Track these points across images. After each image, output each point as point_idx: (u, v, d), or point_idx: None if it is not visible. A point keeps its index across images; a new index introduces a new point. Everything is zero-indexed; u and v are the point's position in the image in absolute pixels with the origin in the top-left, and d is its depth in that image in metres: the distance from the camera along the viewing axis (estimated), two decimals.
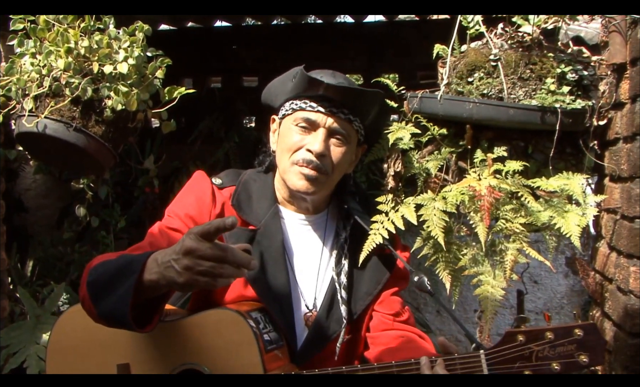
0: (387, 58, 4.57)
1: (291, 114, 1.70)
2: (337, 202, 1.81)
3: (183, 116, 4.26)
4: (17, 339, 2.89)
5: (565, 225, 1.63)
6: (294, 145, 1.67)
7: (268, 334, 1.61)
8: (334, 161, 1.68)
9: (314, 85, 1.65)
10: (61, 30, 2.06)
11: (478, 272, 1.69)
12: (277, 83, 1.78)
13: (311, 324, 1.71)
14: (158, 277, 1.36)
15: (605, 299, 1.97)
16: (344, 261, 1.74)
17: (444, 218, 1.66)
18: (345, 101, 1.67)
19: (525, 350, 1.39)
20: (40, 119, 2.06)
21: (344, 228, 1.78)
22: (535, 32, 1.78)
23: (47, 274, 3.68)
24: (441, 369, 1.42)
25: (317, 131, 1.67)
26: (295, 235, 1.76)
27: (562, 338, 1.38)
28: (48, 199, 4.37)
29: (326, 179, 1.68)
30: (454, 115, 1.74)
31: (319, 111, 1.66)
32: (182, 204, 1.74)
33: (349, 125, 1.69)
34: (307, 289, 1.74)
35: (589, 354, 1.37)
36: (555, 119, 1.67)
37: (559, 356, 1.38)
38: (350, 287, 1.74)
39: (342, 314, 1.70)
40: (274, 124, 1.80)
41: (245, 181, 1.79)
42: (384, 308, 1.77)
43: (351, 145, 1.72)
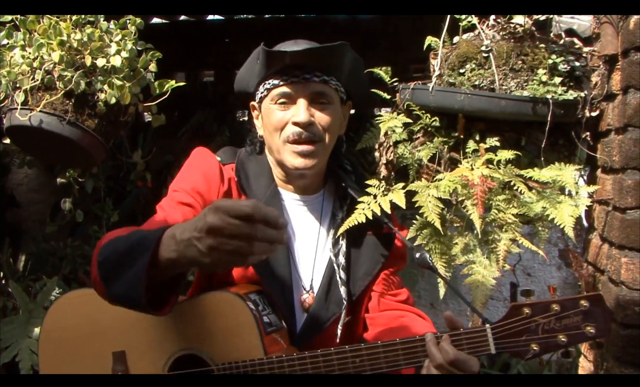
0: (381, 52, 4.56)
1: (267, 94, 1.68)
2: (334, 181, 1.79)
3: (176, 110, 4.25)
4: (9, 333, 2.89)
5: (559, 216, 1.63)
6: (279, 123, 1.65)
7: (267, 316, 1.59)
8: (323, 125, 1.65)
9: (279, 58, 1.63)
10: (53, 23, 2.04)
11: (469, 260, 1.68)
12: (244, 70, 1.76)
13: (309, 306, 1.69)
14: (177, 256, 1.23)
15: (598, 290, 1.98)
16: (342, 241, 1.71)
17: (439, 205, 1.65)
18: (315, 63, 1.64)
19: (532, 323, 1.38)
20: (34, 113, 2.04)
21: (340, 208, 1.76)
22: (527, 24, 1.78)
23: (40, 269, 3.66)
24: (447, 345, 1.40)
25: (297, 102, 1.64)
26: (292, 215, 1.73)
27: (568, 310, 1.37)
28: (40, 194, 4.36)
29: (322, 147, 1.66)
30: (445, 107, 1.74)
31: (292, 82, 1.63)
32: (188, 179, 1.67)
33: (326, 86, 1.66)
34: (304, 270, 1.72)
35: (595, 325, 1.37)
36: (547, 110, 1.67)
37: (566, 327, 1.37)
38: (349, 267, 1.71)
39: (342, 295, 1.67)
40: (255, 111, 1.78)
41: (242, 160, 1.75)
42: (382, 288, 1.76)
43: (335, 105, 1.69)
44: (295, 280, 1.69)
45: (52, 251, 3.81)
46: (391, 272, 1.78)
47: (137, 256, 1.28)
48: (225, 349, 1.54)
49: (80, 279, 3.49)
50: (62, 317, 1.66)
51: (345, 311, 1.68)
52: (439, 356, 1.40)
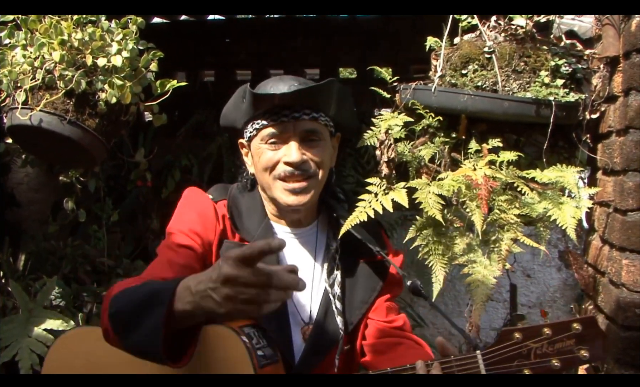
0: (381, 52, 4.56)
1: (256, 134, 1.67)
2: (326, 212, 1.79)
3: (176, 110, 4.25)
4: (9, 332, 2.88)
5: (561, 217, 1.63)
6: (270, 162, 1.64)
7: (262, 350, 1.58)
8: (316, 161, 1.65)
9: (267, 100, 1.62)
10: (54, 22, 2.04)
11: (470, 260, 1.68)
12: (230, 107, 1.75)
13: (308, 337, 1.69)
14: (193, 308, 1.23)
15: (598, 292, 1.98)
16: (336, 271, 1.72)
17: (440, 201, 1.64)
18: (304, 102, 1.63)
19: (523, 348, 1.35)
20: (34, 112, 2.04)
21: (334, 238, 1.75)
22: (528, 25, 1.78)
23: (40, 268, 3.65)
24: (438, 372, 1.40)
25: (288, 141, 1.63)
26: (286, 249, 1.70)
27: (560, 333, 1.34)
28: (40, 193, 4.35)
29: (315, 182, 1.66)
30: (447, 108, 1.74)
31: (282, 121, 1.62)
32: (184, 221, 1.67)
33: (316, 123, 1.66)
34: (301, 303, 1.72)
35: (588, 348, 1.33)
36: (549, 112, 1.67)
37: (559, 352, 1.34)
38: (344, 297, 1.72)
39: (339, 324, 1.68)
40: (243, 149, 1.77)
41: (234, 196, 1.75)
42: (378, 315, 1.76)
43: (325, 140, 1.69)
44: (292, 313, 1.70)
45: (52, 250, 3.80)
46: (387, 298, 1.78)
47: (152, 309, 1.28)
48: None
49: (81, 279, 3.49)
50: (63, 355, 1.65)
51: (342, 340, 1.68)
52: None
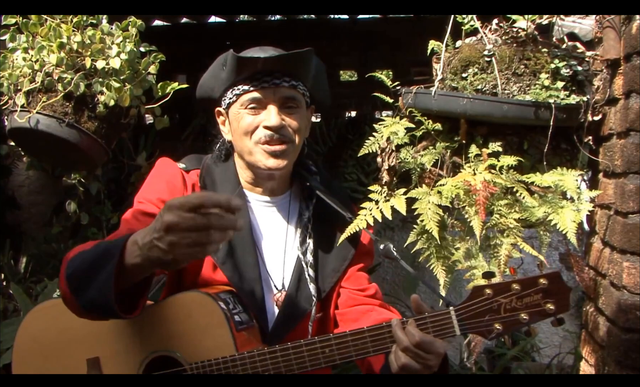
0: (381, 54, 4.56)
1: (236, 100, 1.70)
2: (299, 182, 1.82)
3: (177, 112, 4.25)
4: (10, 335, 2.88)
5: (561, 221, 1.63)
6: (250, 127, 1.67)
7: (238, 315, 1.61)
8: (293, 128, 1.69)
9: (250, 65, 1.65)
10: (54, 25, 2.04)
11: (471, 266, 1.69)
12: (208, 77, 1.79)
13: (281, 304, 1.72)
14: (142, 260, 1.32)
15: (599, 294, 1.97)
16: (309, 240, 1.76)
17: (439, 212, 1.66)
18: (285, 69, 1.68)
19: (494, 303, 1.42)
20: (32, 115, 2.05)
21: (307, 208, 1.79)
22: (529, 28, 1.78)
23: (41, 271, 3.67)
24: (413, 329, 1.44)
25: (267, 107, 1.67)
26: (260, 217, 1.77)
27: (528, 288, 1.41)
28: (41, 196, 4.36)
29: (292, 147, 1.70)
30: (448, 111, 1.74)
31: (263, 87, 1.66)
32: (152, 190, 1.72)
33: (295, 91, 1.70)
34: (274, 270, 1.75)
35: (554, 301, 1.41)
36: (550, 115, 1.67)
37: (526, 306, 1.41)
38: (317, 265, 1.75)
39: (312, 292, 1.71)
40: (220, 117, 1.80)
41: (208, 166, 1.79)
42: (351, 284, 1.79)
43: (302, 109, 1.73)
44: (265, 279, 1.73)
45: (53, 252, 3.81)
46: (359, 268, 1.82)
47: (103, 265, 1.36)
48: (197, 349, 1.55)
49: None
50: (35, 328, 1.66)
51: (315, 307, 1.72)
52: (405, 338, 1.44)
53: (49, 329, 1.65)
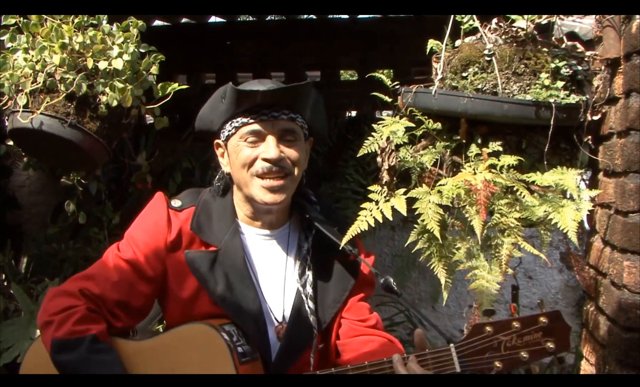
0: (381, 54, 4.56)
1: (235, 132, 1.71)
2: (299, 214, 1.83)
3: (177, 112, 4.25)
4: (11, 335, 2.89)
5: (561, 220, 1.63)
6: (248, 159, 1.68)
7: (242, 347, 1.61)
8: (292, 160, 1.70)
9: (249, 97, 1.66)
10: (55, 26, 2.04)
11: (473, 267, 1.69)
12: (207, 109, 1.80)
13: (282, 336, 1.72)
14: None
15: (600, 293, 1.98)
16: (308, 271, 1.76)
17: (439, 212, 1.66)
18: (283, 102, 1.68)
19: (494, 341, 1.43)
20: (35, 115, 2.05)
21: (305, 239, 1.80)
22: (529, 27, 1.78)
23: (41, 271, 3.66)
24: (414, 365, 1.45)
25: (266, 139, 1.68)
26: (258, 251, 1.77)
27: (528, 327, 1.42)
28: (42, 196, 4.35)
29: (291, 180, 1.71)
30: (448, 110, 1.74)
31: (262, 120, 1.67)
32: (139, 229, 1.77)
33: (293, 124, 1.71)
34: (274, 303, 1.75)
35: (554, 340, 1.42)
36: (550, 114, 1.67)
37: (527, 344, 1.42)
38: (317, 296, 1.75)
39: (312, 324, 1.71)
40: (219, 149, 1.81)
41: (205, 201, 1.80)
42: (351, 315, 1.79)
43: (301, 141, 1.74)
44: (266, 312, 1.73)
45: (54, 253, 3.80)
46: (360, 298, 1.82)
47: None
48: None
49: None
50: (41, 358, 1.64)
51: (316, 339, 1.72)
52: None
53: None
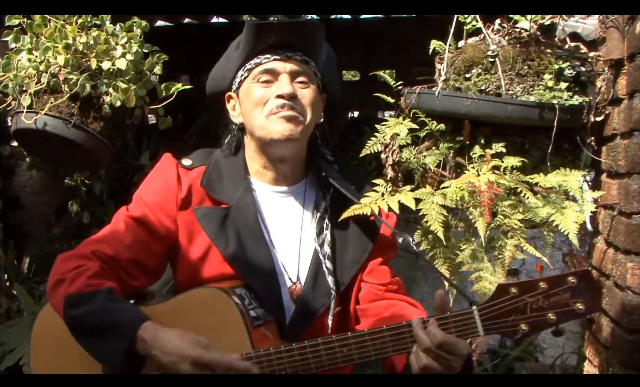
0: (384, 54, 4.56)
1: (248, 75, 1.67)
2: (315, 172, 1.76)
3: (180, 113, 4.25)
4: (14, 336, 2.89)
5: (563, 222, 1.63)
6: (262, 99, 1.64)
7: (254, 310, 1.56)
8: (305, 102, 1.65)
9: (264, 32, 1.63)
10: (58, 26, 2.05)
11: (477, 268, 1.68)
12: (219, 66, 1.77)
13: (297, 297, 1.66)
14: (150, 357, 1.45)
15: (602, 295, 1.97)
16: (326, 231, 1.69)
17: (443, 212, 1.65)
18: (296, 43, 1.65)
19: (519, 302, 1.35)
20: (39, 116, 2.05)
21: (323, 197, 1.73)
22: (532, 28, 1.78)
23: (44, 271, 3.66)
24: (435, 329, 1.38)
25: (279, 78, 1.64)
26: (272, 208, 1.71)
27: (555, 287, 1.34)
28: (44, 196, 4.35)
29: (304, 122, 1.65)
30: (451, 112, 1.74)
31: (276, 59, 1.64)
32: (148, 190, 1.72)
33: (307, 66, 1.67)
34: (289, 262, 1.69)
35: (584, 301, 1.33)
36: (553, 115, 1.67)
37: (554, 305, 1.34)
38: (335, 257, 1.69)
39: (330, 285, 1.65)
40: (231, 101, 1.76)
41: (217, 160, 1.75)
42: (372, 278, 1.72)
43: (315, 87, 1.69)
44: (280, 272, 1.67)
45: (56, 253, 3.80)
46: (380, 262, 1.74)
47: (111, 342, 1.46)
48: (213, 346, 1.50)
49: None
50: (53, 321, 1.63)
51: (334, 301, 1.66)
52: (427, 339, 1.38)
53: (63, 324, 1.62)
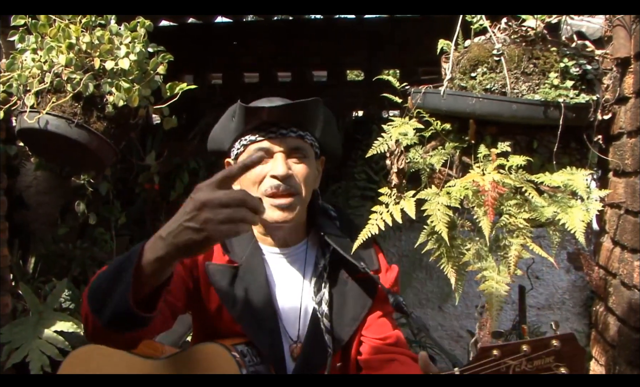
0: (388, 53, 4.56)
1: (243, 150, 1.70)
2: (316, 230, 1.80)
3: (184, 112, 4.26)
4: (19, 335, 2.90)
5: (570, 221, 1.62)
6: (257, 178, 1.66)
7: (254, 367, 1.60)
8: (300, 178, 1.68)
9: (256, 114, 1.65)
10: (62, 26, 2.05)
11: (482, 268, 1.68)
12: (218, 129, 1.79)
13: (297, 356, 1.70)
14: (167, 250, 1.27)
15: (609, 294, 1.97)
16: (324, 289, 1.73)
17: (448, 213, 1.65)
18: (291, 119, 1.67)
19: (502, 365, 1.32)
20: (42, 115, 2.05)
21: (322, 256, 1.77)
22: (538, 27, 1.77)
23: (49, 271, 3.68)
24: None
25: (274, 157, 1.66)
26: (276, 268, 1.75)
27: (538, 350, 1.31)
28: (49, 196, 4.37)
29: (299, 199, 1.68)
30: (457, 111, 1.73)
31: (270, 138, 1.66)
32: None
33: (302, 142, 1.69)
34: (290, 322, 1.73)
35: (567, 365, 1.31)
36: (559, 114, 1.66)
37: (537, 369, 1.32)
38: (332, 315, 1.72)
39: (327, 343, 1.69)
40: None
41: None
42: (372, 333, 1.76)
43: (310, 159, 1.72)
44: (283, 332, 1.71)
45: (61, 252, 3.82)
46: (380, 315, 1.78)
47: (122, 272, 1.33)
48: None
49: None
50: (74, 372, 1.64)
51: (332, 358, 1.69)
52: None
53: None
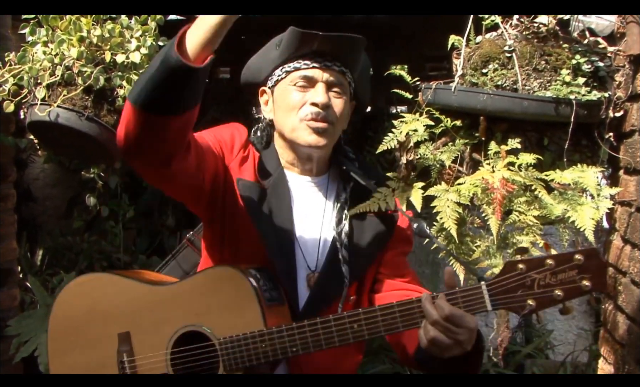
0: (395, 49, 4.55)
1: (285, 77, 1.74)
2: (337, 165, 1.85)
3: None
4: (27, 327, 2.91)
5: (579, 218, 1.61)
6: (298, 103, 1.71)
7: (269, 292, 1.62)
8: (337, 111, 1.73)
9: (307, 41, 1.69)
10: (73, 19, 2.05)
11: (491, 265, 1.68)
12: (257, 59, 1.83)
13: (313, 284, 1.73)
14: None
15: (619, 292, 1.96)
16: (344, 221, 1.77)
17: (458, 210, 1.65)
18: (338, 52, 1.71)
19: (527, 278, 1.39)
20: (52, 108, 2.06)
21: (344, 189, 1.81)
22: (550, 23, 1.76)
23: (57, 264, 3.69)
24: (442, 302, 1.43)
25: (316, 86, 1.71)
26: (299, 197, 1.79)
27: (562, 264, 1.37)
28: (56, 189, 4.38)
29: (333, 129, 1.73)
30: (468, 107, 1.73)
31: (315, 67, 1.71)
32: (217, 133, 1.79)
33: (343, 77, 1.74)
34: (310, 251, 1.76)
35: (590, 278, 1.36)
36: (570, 111, 1.66)
37: (561, 282, 1.37)
38: (351, 246, 1.76)
39: (344, 273, 1.72)
40: (264, 96, 1.83)
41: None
42: (387, 270, 1.80)
43: (347, 97, 1.76)
44: (300, 260, 1.74)
45: (69, 245, 3.83)
46: (396, 254, 1.82)
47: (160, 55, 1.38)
48: (227, 324, 1.57)
49: None
50: (70, 304, 1.69)
51: (348, 289, 1.72)
52: (435, 312, 1.43)
53: (82, 304, 1.68)
